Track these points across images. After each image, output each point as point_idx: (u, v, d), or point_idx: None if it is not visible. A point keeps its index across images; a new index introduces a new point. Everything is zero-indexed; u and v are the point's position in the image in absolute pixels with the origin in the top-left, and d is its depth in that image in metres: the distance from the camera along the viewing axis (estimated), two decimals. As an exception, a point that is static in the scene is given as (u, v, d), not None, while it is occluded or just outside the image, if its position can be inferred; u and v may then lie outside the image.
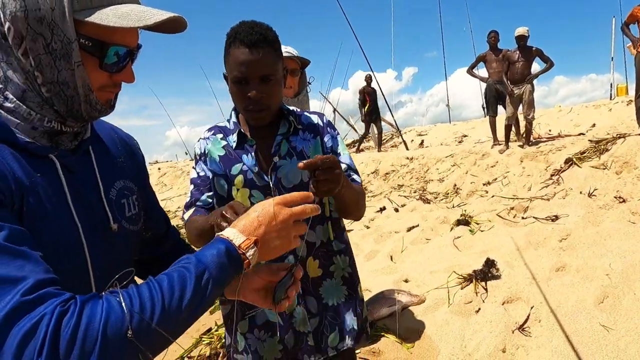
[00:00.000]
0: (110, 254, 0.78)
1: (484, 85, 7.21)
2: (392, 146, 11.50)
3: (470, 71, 7.24)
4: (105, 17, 0.65)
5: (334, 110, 15.58)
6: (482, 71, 7.16)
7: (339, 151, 1.31)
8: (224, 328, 1.42)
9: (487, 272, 2.99)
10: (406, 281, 3.44)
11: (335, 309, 1.31)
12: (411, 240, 4.29)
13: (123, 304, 0.54)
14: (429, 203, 5.53)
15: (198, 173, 1.33)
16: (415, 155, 7.63)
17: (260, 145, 1.27)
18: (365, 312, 1.40)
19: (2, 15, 0.64)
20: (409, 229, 4.60)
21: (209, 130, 1.37)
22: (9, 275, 0.52)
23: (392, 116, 10.86)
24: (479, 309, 2.72)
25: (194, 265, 0.61)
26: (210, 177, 1.30)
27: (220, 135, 1.33)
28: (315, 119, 1.34)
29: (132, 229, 0.86)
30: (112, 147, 0.88)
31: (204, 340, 2.84)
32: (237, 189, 1.25)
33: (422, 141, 10.91)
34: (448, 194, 5.79)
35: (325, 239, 1.31)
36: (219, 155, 1.30)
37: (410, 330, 2.71)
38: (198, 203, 1.31)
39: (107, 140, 0.88)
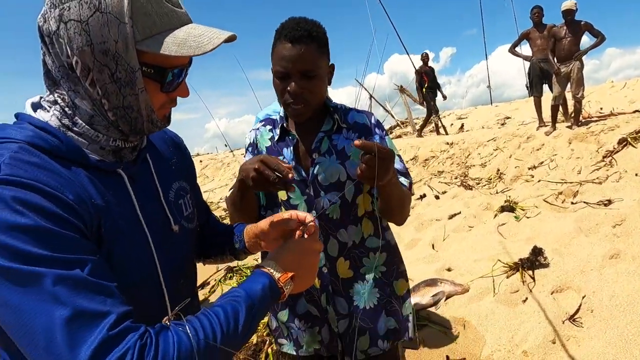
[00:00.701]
0: (173, 255, 0.83)
1: (527, 63, 6.88)
2: (431, 131, 11.24)
3: (512, 50, 6.90)
4: (166, 46, 0.68)
5: (370, 96, 15.39)
6: (526, 49, 6.83)
7: None
8: (268, 315, 1.46)
9: (534, 261, 2.90)
10: (449, 270, 3.39)
11: (366, 312, 1.27)
12: (453, 228, 4.21)
13: (190, 336, 0.61)
14: (471, 189, 5.39)
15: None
16: (455, 140, 7.43)
17: (302, 140, 1.28)
18: (407, 309, 1.34)
19: (69, 50, 0.68)
20: (451, 217, 4.51)
21: (261, 121, 1.40)
22: (95, 309, 0.56)
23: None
24: (526, 298, 2.65)
25: (243, 300, 0.70)
26: None
27: (269, 127, 1.35)
28: (362, 118, 1.31)
29: (190, 227, 0.90)
30: (165, 150, 0.93)
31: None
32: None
33: (462, 125, 10.58)
34: (491, 179, 5.61)
35: (359, 240, 1.28)
36: (265, 147, 1.34)
37: (454, 320, 2.68)
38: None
39: (159, 144, 0.92)
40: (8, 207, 0.56)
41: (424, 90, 9.25)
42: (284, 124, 1.30)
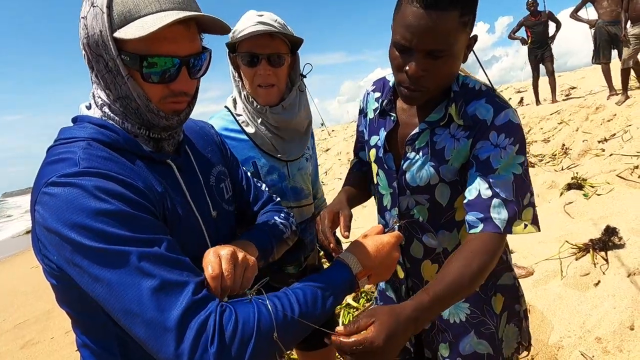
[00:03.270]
0: (219, 235, 0.88)
1: (592, 28, 6.31)
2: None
3: (574, 15, 6.35)
4: (128, 31, 0.69)
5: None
6: (591, 11, 6.26)
7: (495, 167, 0.93)
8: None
9: (607, 241, 2.70)
10: (511, 252, 3.24)
11: (450, 325, 1.10)
12: (514, 208, 4.01)
13: (271, 311, 0.66)
14: (533, 167, 5.09)
15: (358, 125, 1.28)
16: (514, 116, 7.03)
17: (402, 125, 1.07)
18: (508, 331, 1.08)
19: (80, 45, 0.75)
20: (512, 197, 4.30)
21: (374, 83, 1.21)
22: (177, 279, 0.63)
23: (485, 74, 10.05)
24: (599, 281, 2.48)
25: (324, 288, 0.74)
26: (364, 135, 1.23)
27: (377, 95, 1.17)
28: (486, 111, 0.96)
29: (231, 209, 0.95)
30: (199, 140, 0.96)
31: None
32: (371, 160, 1.16)
33: (522, 99, 9.96)
34: (555, 155, 5.26)
35: (452, 247, 1.07)
36: (369, 118, 1.19)
37: (518, 304, 2.57)
38: (359, 155, 1.32)
39: (193, 136, 0.96)
40: (92, 195, 0.63)
41: (528, 46, 7.20)
42: (386, 100, 1.10)
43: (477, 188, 0.94)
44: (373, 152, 1.14)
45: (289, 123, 1.35)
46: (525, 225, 0.92)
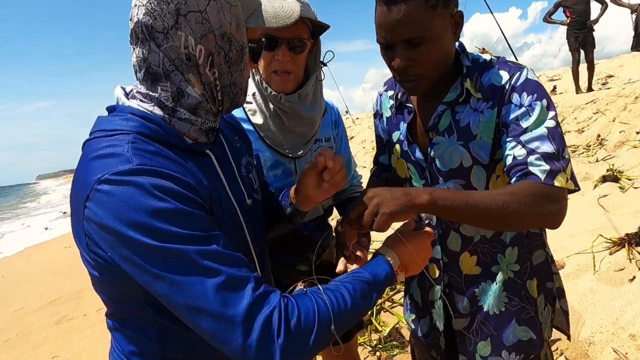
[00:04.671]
0: (253, 226, 0.89)
1: (632, 13, 5.99)
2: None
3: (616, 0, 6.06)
4: (264, 20, 0.76)
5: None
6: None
7: (524, 125, 0.91)
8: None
9: (644, 236, 2.59)
10: (540, 245, 3.17)
11: (491, 317, 1.07)
12: (545, 200, 3.90)
13: (327, 304, 0.69)
14: (566, 158, 4.93)
15: (375, 130, 1.27)
16: (546, 105, 6.79)
17: (421, 113, 1.06)
18: (545, 314, 1.09)
19: (192, 41, 0.72)
20: (542, 188, 4.18)
21: (385, 83, 1.22)
22: (239, 275, 0.65)
23: (516, 59, 9.73)
24: (634, 277, 2.39)
25: (370, 282, 0.77)
26: (383, 138, 1.22)
27: (390, 92, 1.16)
28: (502, 77, 0.95)
29: (259, 198, 0.97)
30: (227, 130, 0.97)
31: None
32: (397, 158, 1.14)
33: (555, 87, 9.61)
34: (590, 146, 5.07)
35: (490, 234, 1.04)
36: (386, 117, 1.18)
37: (547, 297, 2.52)
38: (379, 162, 1.29)
39: (223, 124, 0.96)
40: (149, 194, 0.63)
41: (568, 29, 6.66)
42: (400, 92, 1.11)
43: (511, 153, 0.92)
44: (397, 147, 1.13)
45: (302, 114, 1.25)
46: (567, 179, 0.88)
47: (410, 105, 1.08)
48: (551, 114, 0.92)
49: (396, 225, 0.92)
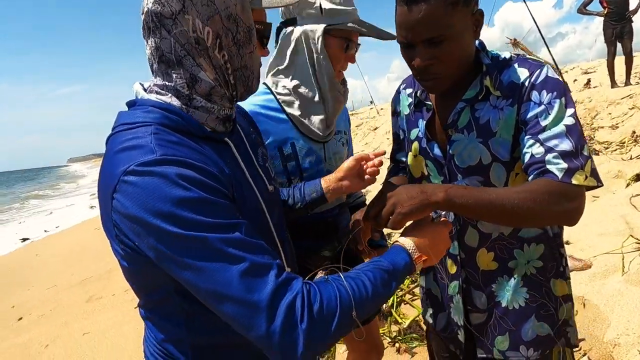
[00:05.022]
0: (276, 212, 0.91)
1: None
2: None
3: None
4: (269, 1, 0.76)
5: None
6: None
7: (543, 123, 0.91)
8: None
9: (678, 238, 2.52)
10: (567, 243, 3.10)
11: (509, 312, 1.07)
12: (574, 197, 3.81)
13: (349, 291, 0.70)
14: (598, 154, 4.78)
15: (393, 127, 1.29)
16: (579, 99, 6.57)
17: (440, 111, 1.07)
18: (565, 312, 1.08)
19: (198, 24, 0.74)
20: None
21: (404, 81, 1.23)
22: (262, 262, 0.66)
23: (549, 52, 9.40)
24: (665, 280, 2.33)
25: (389, 270, 0.78)
26: (400, 136, 1.24)
27: (409, 90, 1.17)
28: (522, 75, 0.95)
29: (277, 186, 0.99)
30: (243, 122, 0.99)
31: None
32: (414, 155, 1.15)
33: (589, 80, 9.27)
34: (624, 143, 4.90)
35: (508, 232, 1.04)
36: (404, 114, 1.19)
37: (573, 297, 2.47)
38: (396, 159, 1.31)
39: (237, 118, 0.95)
40: (174, 183, 0.64)
41: (604, 20, 6.36)
42: (419, 90, 1.11)
43: (529, 151, 0.92)
44: (415, 145, 1.13)
45: (344, 102, 1.37)
46: (586, 177, 0.88)
47: (430, 103, 1.09)
48: (570, 111, 0.92)
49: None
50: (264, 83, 1.34)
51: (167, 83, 0.77)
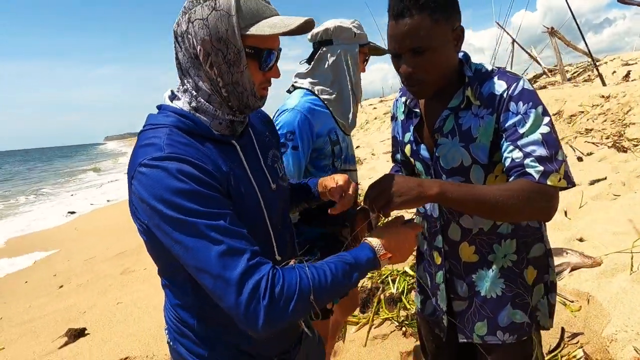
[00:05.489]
0: (275, 207, 1.02)
1: None
2: (585, 80, 9.74)
3: None
4: (261, 29, 0.87)
5: (513, 41, 13.79)
6: None
7: (521, 131, 1.03)
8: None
9: (690, 241, 2.52)
10: (580, 240, 3.14)
11: (487, 301, 1.18)
12: (594, 195, 3.79)
13: (309, 277, 0.81)
14: (625, 152, 4.69)
15: (392, 132, 1.42)
16: (613, 93, 6.37)
17: (427, 117, 1.19)
18: (536, 296, 1.20)
19: (195, 42, 0.87)
20: (593, 182, 4.05)
21: (400, 89, 1.35)
22: (237, 247, 0.78)
23: (585, 42, 9.05)
24: (671, 281, 2.36)
25: (351, 264, 0.88)
26: (397, 138, 1.35)
27: (404, 99, 1.29)
28: (498, 86, 1.07)
29: (285, 185, 1.10)
30: (259, 125, 1.11)
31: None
32: (406, 157, 1.28)
33: (628, 72, 8.87)
34: (655, 140, 4.78)
35: (488, 227, 1.16)
36: (400, 120, 1.31)
37: (577, 293, 2.54)
38: (395, 159, 1.46)
39: (255, 122, 1.11)
40: (174, 177, 0.80)
41: None
42: (409, 99, 1.24)
43: (510, 156, 1.04)
44: (408, 147, 1.26)
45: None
46: (560, 179, 1.00)
47: (417, 110, 1.22)
48: (546, 119, 1.03)
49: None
50: (305, 88, 1.71)
51: (183, 87, 0.94)
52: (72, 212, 10.85)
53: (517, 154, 1.02)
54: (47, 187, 19.98)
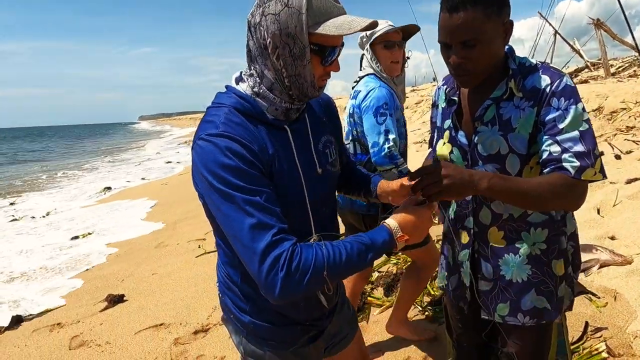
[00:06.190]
0: (318, 190, 1.08)
1: None
2: (631, 76, 9.33)
3: None
4: (328, 29, 0.93)
5: (555, 32, 13.28)
6: None
7: (560, 126, 1.08)
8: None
9: None
10: (612, 238, 3.10)
11: (512, 285, 1.23)
12: (629, 194, 3.71)
13: (324, 254, 0.89)
14: (667, 151, 4.53)
15: (431, 117, 1.45)
16: (659, 89, 6.12)
17: (470, 104, 1.24)
18: (564, 291, 1.25)
19: (266, 34, 0.94)
20: (629, 181, 3.95)
21: (443, 79, 1.39)
22: (266, 221, 0.88)
23: (632, 35, 8.63)
24: None
25: (367, 244, 0.94)
26: (437, 124, 1.39)
27: (446, 88, 1.33)
28: (544, 82, 1.11)
29: (333, 170, 1.16)
30: (319, 111, 1.18)
31: (391, 260, 3.28)
32: (444, 142, 1.32)
33: (678, 69, 8.47)
34: (700, 141, 4.59)
35: (519, 214, 1.20)
36: (442, 107, 1.35)
37: (604, 290, 2.54)
38: (433, 144, 1.45)
39: (316, 107, 1.17)
40: (222, 153, 0.90)
41: None
42: (449, 88, 1.29)
43: (548, 149, 1.10)
44: (447, 133, 1.30)
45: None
46: (595, 173, 1.08)
47: (455, 98, 1.27)
48: (585, 116, 1.09)
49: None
50: (373, 74, 2.11)
51: (249, 72, 1.03)
52: (108, 188, 11.32)
53: (556, 148, 1.08)
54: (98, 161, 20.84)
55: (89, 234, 6.54)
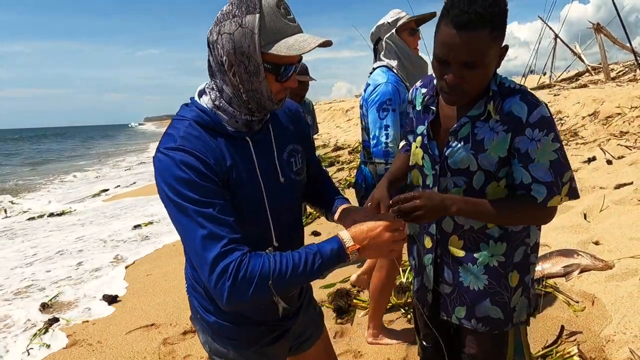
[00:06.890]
0: (280, 200, 1.11)
1: None
2: (630, 80, 9.32)
3: None
4: (279, 49, 0.97)
5: (555, 36, 13.27)
6: None
7: (532, 157, 1.12)
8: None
9: None
10: (596, 243, 3.14)
11: (469, 292, 1.28)
12: (617, 199, 3.74)
13: (270, 265, 0.93)
14: (659, 157, 4.55)
15: (408, 113, 1.43)
16: (655, 95, 6.13)
17: (445, 118, 1.24)
18: (517, 301, 1.28)
19: (222, 52, 0.99)
20: (618, 186, 3.98)
21: (422, 80, 1.38)
22: (218, 233, 0.92)
23: (629, 40, 8.65)
24: (680, 289, 2.36)
25: (314, 254, 0.97)
26: (410, 124, 1.40)
27: (424, 90, 1.32)
28: (521, 109, 1.12)
29: (298, 179, 1.18)
30: (285, 120, 1.19)
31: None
32: (416, 146, 1.33)
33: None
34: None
35: (477, 226, 1.24)
36: (417, 110, 1.35)
37: (583, 294, 2.58)
38: (407, 138, 1.47)
39: (281, 116, 1.19)
40: (177, 166, 0.95)
41: None
42: (428, 96, 1.29)
43: (520, 177, 1.16)
44: (419, 139, 1.33)
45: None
46: (561, 199, 1.16)
47: (434, 108, 1.27)
48: (556, 145, 1.13)
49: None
50: (384, 66, 2.22)
51: (211, 85, 1.08)
52: (105, 190, 11.40)
53: (527, 178, 1.15)
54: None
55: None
